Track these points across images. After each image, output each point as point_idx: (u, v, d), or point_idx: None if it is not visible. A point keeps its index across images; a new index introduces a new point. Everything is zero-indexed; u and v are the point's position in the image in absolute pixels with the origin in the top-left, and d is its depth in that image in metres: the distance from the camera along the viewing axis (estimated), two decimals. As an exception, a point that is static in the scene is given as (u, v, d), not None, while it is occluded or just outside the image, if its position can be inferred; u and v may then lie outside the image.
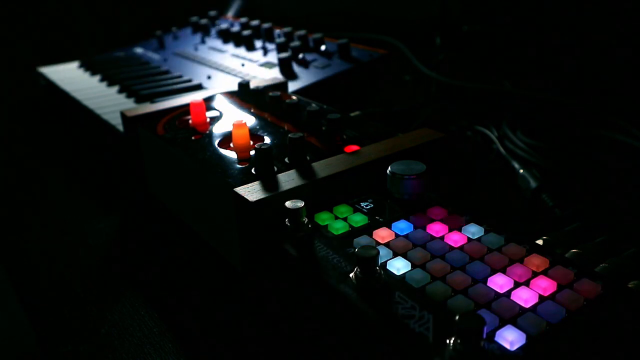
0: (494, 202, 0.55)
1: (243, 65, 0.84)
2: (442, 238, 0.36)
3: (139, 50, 1.06)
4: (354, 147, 0.46)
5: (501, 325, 0.28)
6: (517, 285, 0.31)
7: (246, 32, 0.92)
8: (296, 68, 0.79)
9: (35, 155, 0.77)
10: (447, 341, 0.27)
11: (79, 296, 0.45)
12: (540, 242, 0.40)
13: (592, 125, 0.66)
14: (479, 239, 0.36)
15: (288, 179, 0.41)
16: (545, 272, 0.32)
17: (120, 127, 0.62)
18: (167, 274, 0.47)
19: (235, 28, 0.97)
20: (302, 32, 0.88)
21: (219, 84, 0.79)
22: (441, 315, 0.29)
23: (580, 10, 0.79)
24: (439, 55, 0.96)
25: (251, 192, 0.39)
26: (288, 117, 0.54)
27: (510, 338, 0.27)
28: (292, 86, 0.73)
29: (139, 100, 0.78)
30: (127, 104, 0.77)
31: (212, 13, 1.10)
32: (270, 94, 0.59)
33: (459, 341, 0.26)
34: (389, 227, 0.37)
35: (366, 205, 0.40)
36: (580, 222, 0.45)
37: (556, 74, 0.83)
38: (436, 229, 0.37)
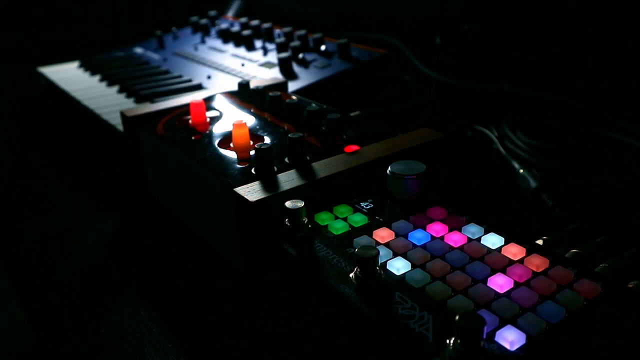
0: (494, 202, 0.55)
1: (243, 65, 0.84)
2: (442, 238, 0.36)
3: (139, 50, 1.06)
4: (354, 147, 0.46)
5: (501, 325, 0.28)
6: (517, 285, 0.31)
7: (246, 32, 0.92)
8: (296, 68, 0.79)
9: (35, 155, 0.77)
10: (447, 341, 0.27)
11: (79, 296, 0.45)
12: (540, 242, 0.40)
13: (592, 125, 0.66)
14: (479, 239, 0.36)
15: (288, 179, 0.41)
16: (545, 272, 0.32)
17: (120, 127, 0.62)
18: (167, 274, 0.47)
19: (235, 28, 0.97)
20: (302, 32, 0.88)
21: (219, 84, 0.79)
22: (441, 315, 0.29)
23: (580, 10, 0.79)
24: (439, 55, 0.96)
25: (251, 192, 0.39)
26: (288, 117, 0.54)
27: (510, 338, 0.27)
28: (292, 86, 0.73)
29: (139, 100, 0.78)
30: (127, 103, 0.77)
31: (212, 13, 1.10)
32: (270, 94, 0.59)
33: (459, 341, 0.26)
34: (389, 227, 0.37)
35: (366, 205, 0.40)
36: (580, 222, 0.45)
37: (556, 74, 0.84)
38: (436, 229, 0.37)
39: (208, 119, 0.55)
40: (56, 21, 1.28)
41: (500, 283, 0.31)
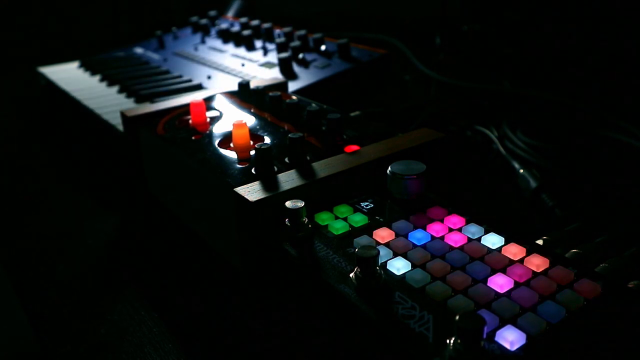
0: (494, 202, 0.55)
1: (243, 65, 0.84)
2: (442, 238, 0.36)
3: (139, 50, 1.06)
4: (354, 147, 0.46)
5: (501, 325, 0.28)
6: (517, 285, 0.31)
7: (246, 32, 0.92)
8: (296, 68, 0.79)
9: (35, 155, 0.77)
10: (447, 341, 0.27)
11: (79, 296, 0.45)
12: (540, 242, 0.40)
13: (592, 125, 0.66)
14: (479, 239, 0.36)
15: (288, 179, 0.41)
16: (545, 272, 0.32)
17: (120, 127, 0.62)
18: (167, 274, 0.47)
19: (235, 28, 0.97)
20: (302, 32, 0.88)
21: (219, 84, 0.79)
22: (441, 315, 0.29)
23: (581, 10, 0.79)
24: (439, 55, 0.96)
25: (251, 192, 0.39)
26: (288, 117, 0.54)
27: (510, 338, 0.27)
28: (292, 86, 0.73)
29: (139, 100, 0.78)
30: (127, 104, 0.77)
31: (212, 13, 1.10)
32: (270, 94, 0.59)
33: (459, 341, 0.26)
34: (389, 227, 0.37)
35: (366, 205, 0.40)
36: (580, 222, 0.45)
37: (556, 73, 0.83)
38: (436, 229, 0.37)
39: (208, 119, 0.55)
40: (56, 21, 1.28)
41: (500, 283, 0.31)
